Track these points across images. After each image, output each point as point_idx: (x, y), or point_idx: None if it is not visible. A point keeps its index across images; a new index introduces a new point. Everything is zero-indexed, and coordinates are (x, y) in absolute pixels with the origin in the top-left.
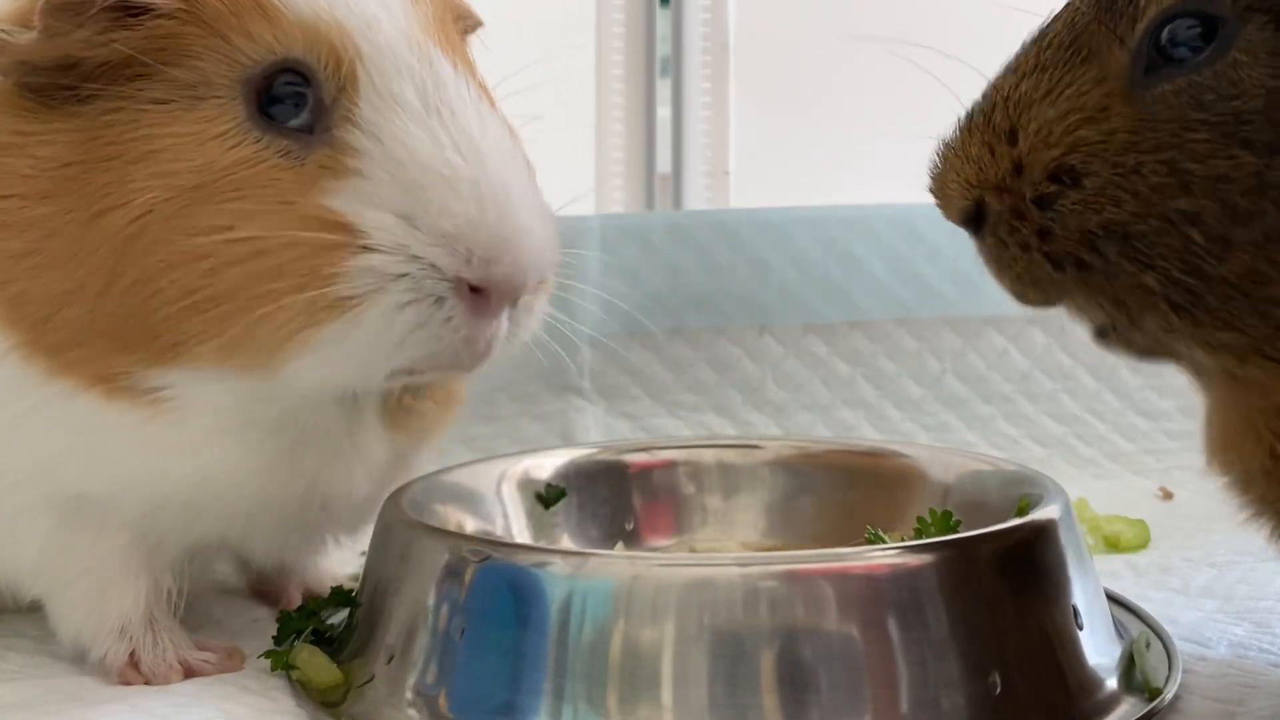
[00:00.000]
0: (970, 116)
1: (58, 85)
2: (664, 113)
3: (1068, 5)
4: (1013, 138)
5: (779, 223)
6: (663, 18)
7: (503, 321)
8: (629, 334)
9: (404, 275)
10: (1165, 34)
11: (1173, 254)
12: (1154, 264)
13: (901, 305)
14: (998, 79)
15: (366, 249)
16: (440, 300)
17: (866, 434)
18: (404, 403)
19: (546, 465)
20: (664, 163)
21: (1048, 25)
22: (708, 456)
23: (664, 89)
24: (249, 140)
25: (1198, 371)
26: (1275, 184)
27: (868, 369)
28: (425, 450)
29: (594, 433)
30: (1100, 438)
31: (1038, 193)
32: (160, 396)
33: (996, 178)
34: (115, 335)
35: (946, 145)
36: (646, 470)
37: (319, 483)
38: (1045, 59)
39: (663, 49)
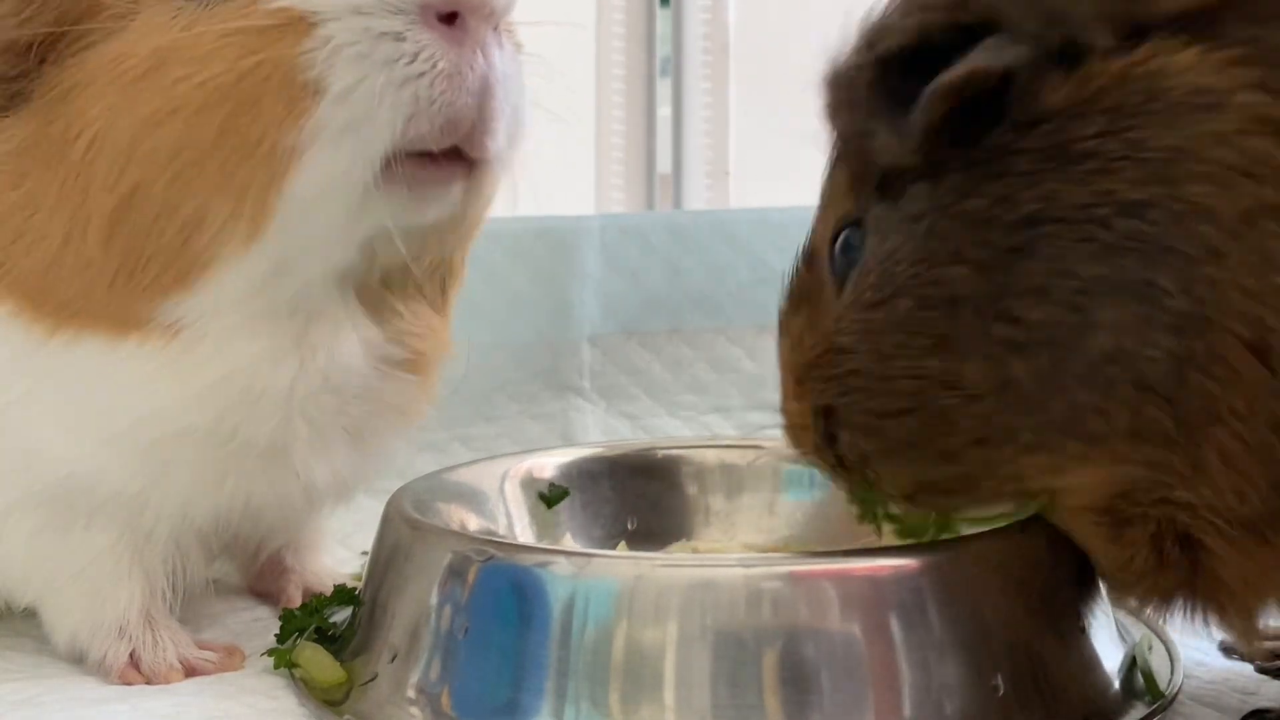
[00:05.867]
0: None
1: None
2: (664, 113)
3: (789, 272)
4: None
5: (779, 223)
6: (663, 18)
7: (492, 55)
8: (629, 334)
9: (355, 29)
10: (839, 246)
11: (855, 408)
12: (851, 423)
13: None
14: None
15: (316, 24)
16: (399, 35)
17: None
18: (384, 296)
19: (549, 465)
20: (664, 163)
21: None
22: (710, 457)
23: (664, 89)
24: (189, 9)
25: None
26: (898, 312)
27: None
28: (422, 387)
29: (594, 433)
30: None
31: (794, 417)
32: (178, 325)
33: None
34: (123, 268)
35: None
36: (649, 470)
37: (331, 364)
38: (781, 317)
39: (663, 49)
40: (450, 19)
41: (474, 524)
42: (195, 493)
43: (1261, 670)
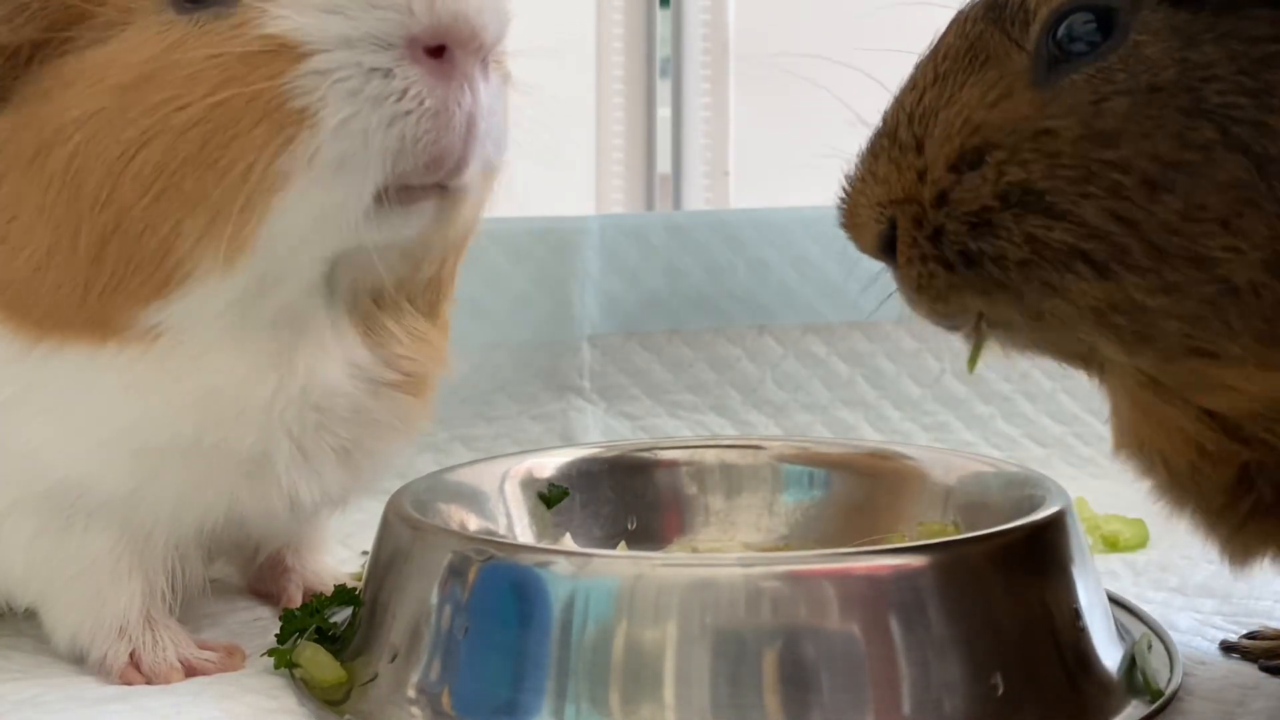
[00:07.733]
0: (874, 140)
1: None
2: (664, 113)
3: (955, 20)
4: (919, 148)
5: (779, 223)
6: (663, 18)
7: (478, 90)
8: (629, 334)
9: (346, 63)
10: (1062, 30)
11: (1092, 201)
12: (1068, 215)
13: (900, 305)
14: (897, 98)
15: (306, 55)
16: (388, 72)
17: (866, 434)
18: (376, 314)
19: (549, 465)
20: (664, 163)
21: (938, 41)
22: (710, 457)
23: (664, 89)
24: (180, 24)
25: (1096, 364)
26: (1198, 143)
27: (867, 369)
28: (417, 406)
29: (594, 433)
30: (1099, 437)
31: (937, 190)
32: (156, 331)
33: (903, 191)
34: (110, 280)
35: (853, 173)
36: (649, 470)
37: (311, 382)
38: (943, 69)
39: (663, 50)
40: (438, 52)
41: (474, 524)
42: (184, 499)
43: (1264, 669)
